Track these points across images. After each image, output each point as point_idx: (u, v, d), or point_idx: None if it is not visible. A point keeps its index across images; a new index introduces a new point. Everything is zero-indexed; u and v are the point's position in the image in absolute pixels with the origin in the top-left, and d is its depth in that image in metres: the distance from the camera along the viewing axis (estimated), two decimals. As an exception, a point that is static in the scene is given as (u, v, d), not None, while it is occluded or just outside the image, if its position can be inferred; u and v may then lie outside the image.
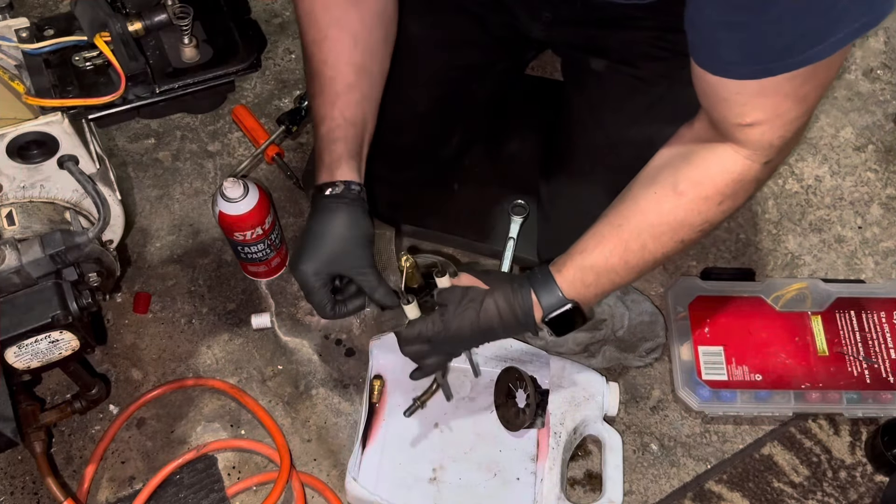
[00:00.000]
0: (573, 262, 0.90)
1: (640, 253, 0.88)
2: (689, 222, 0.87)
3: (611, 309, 1.16)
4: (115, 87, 0.93)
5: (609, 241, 0.89)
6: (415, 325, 0.92)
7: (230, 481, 1.09)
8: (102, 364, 1.18)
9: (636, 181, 0.91)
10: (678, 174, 0.86)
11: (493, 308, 0.90)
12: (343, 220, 0.91)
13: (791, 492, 1.08)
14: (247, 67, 0.98)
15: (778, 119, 0.78)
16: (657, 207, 0.87)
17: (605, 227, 0.90)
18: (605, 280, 0.90)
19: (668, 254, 0.89)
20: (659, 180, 0.87)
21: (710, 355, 1.14)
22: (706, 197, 0.85)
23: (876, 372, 1.13)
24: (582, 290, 0.90)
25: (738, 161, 0.83)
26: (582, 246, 0.90)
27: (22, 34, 0.95)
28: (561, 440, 1.05)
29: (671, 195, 0.86)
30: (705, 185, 0.85)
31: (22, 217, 0.94)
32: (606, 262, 0.89)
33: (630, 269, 0.90)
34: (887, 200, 1.35)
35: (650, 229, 0.87)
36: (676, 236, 0.88)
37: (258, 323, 1.20)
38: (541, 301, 0.90)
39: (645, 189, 0.88)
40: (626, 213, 0.89)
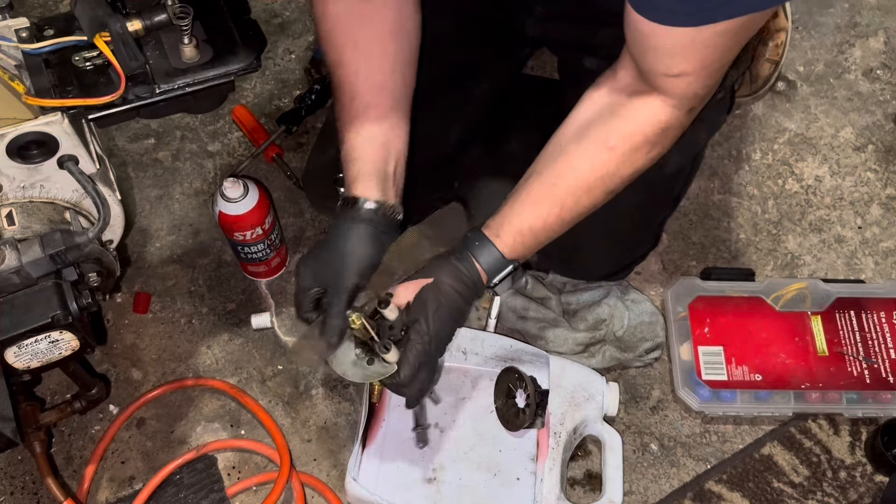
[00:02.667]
0: (510, 225, 0.91)
1: (575, 209, 0.91)
2: (620, 174, 0.89)
3: (611, 309, 1.16)
4: (115, 87, 0.93)
5: (544, 201, 0.90)
6: (406, 361, 0.88)
7: (230, 481, 1.09)
8: (102, 364, 1.18)
9: (564, 136, 0.92)
10: (608, 129, 0.88)
11: (453, 293, 0.90)
12: (346, 238, 0.92)
13: (791, 492, 1.08)
14: (247, 67, 0.98)
15: (703, 71, 0.80)
16: (590, 164, 0.89)
17: (539, 186, 0.91)
18: (542, 238, 0.92)
19: (599, 205, 0.92)
20: (589, 136, 0.89)
21: (710, 355, 1.14)
22: (636, 148, 0.87)
23: (876, 372, 1.13)
24: (521, 250, 0.92)
25: (664, 110, 0.85)
26: (518, 208, 0.91)
27: (22, 34, 0.95)
28: (561, 440, 1.05)
29: (603, 151, 0.88)
30: (635, 137, 0.87)
31: (22, 217, 0.94)
32: (544, 223, 0.91)
33: (564, 224, 0.92)
34: (887, 200, 1.35)
35: (584, 185, 0.89)
36: (608, 188, 0.90)
37: (258, 323, 1.20)
38: (485, 269, 0.91)
39: (576, 145, 0.90)
40: (558, 172, 0.90)
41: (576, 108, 0.92)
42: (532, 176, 0.92)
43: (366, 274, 0.93)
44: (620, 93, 0.88)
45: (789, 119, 1.42)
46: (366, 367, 0.90)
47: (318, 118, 1.40)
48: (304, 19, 1.55)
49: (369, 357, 0.90)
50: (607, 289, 1.18)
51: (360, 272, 0.92)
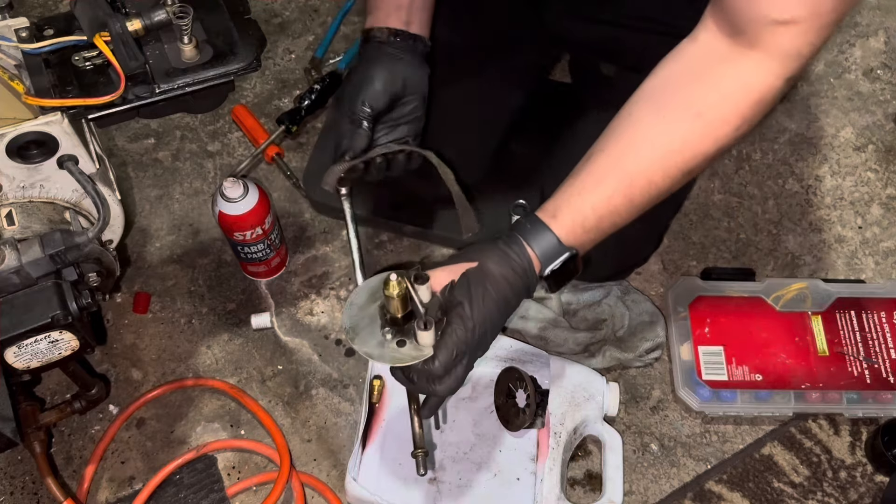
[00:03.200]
0: (569, 205, 0.79)
1: (647, 189, 0.79)
2: (702, 151, 0.78)
3: (611, 309, 1.16)
4: (115, 86, 0.93)
5: (611, 177, 0.79)
6: (444, 347, 0.76)
7: (230, 481, 1.09)
8: (102, 364, 1.18)
9: (635, 105, 0.80)
10: (693, 95, 0.77)
11: (502, 281, 0.78)
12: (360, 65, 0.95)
13: (791, 492, 1.08)
14: (246, 67, 0.98)
15: (816, 20, 0.71)
16: (669, 135, 0.77)
17: (605, 160, 0.79)
18: (606, 223, 0.80)
19: (674, 188, 0.80)
20: (669, 103, 0.78)
21: (711, 355, 1.14)
22: (725, 120, 0.76)
23: (876, 372, 1.13)
24: (581, 236, 0.80)
25: (760, 76, 0.75)
26: (579, 185, 0.80)
27: (22, 34, 0.95)
28: (561, 440, 1.05)
29: (686, 119, 0.77)
30: (724, 106, 0.76)
31: (22, 217, 0.94)
32: (609, 203, 0.79)
33: (634, 208, 0.80)
34: (887, 200, 1.34)
35: (660, 161, 0.78)
36: (687, 167, 0.78)
37: (258, 323, 1.20)
38: (539, 255, 0.79)
39: (652, 114, 0.78)
40: (628, 143, 0.79)
41: (649, 76, 0.81)
42: (596, 151, 0.80)
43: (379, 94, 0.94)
44: (706, 57, 0.77)
45: (789, 119, 1.42)
46: (395, 350, 0.77)
47: (318, 118, 1.40)
48: (304, 19, 1.55)
49: (399, 339, 0.77)
50: (607, 289, 1.18)
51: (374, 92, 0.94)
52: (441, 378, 0.78)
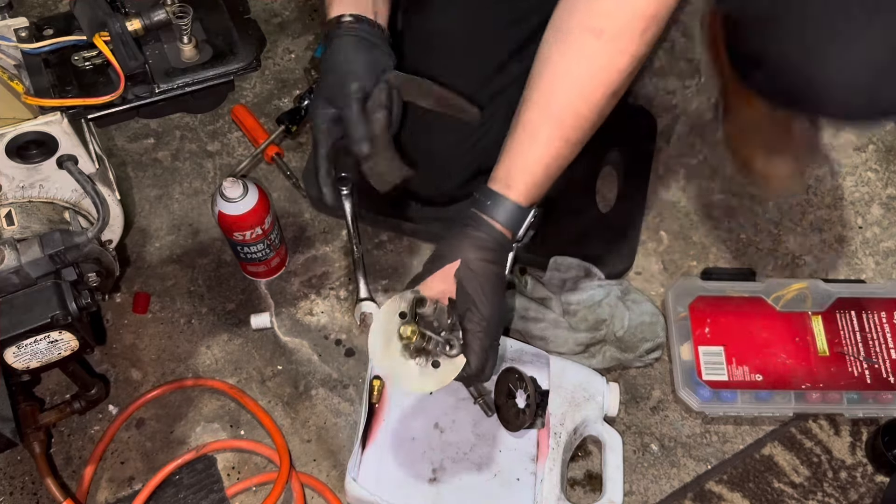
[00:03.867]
0: (517, 167, 0.82)
1: (577, 123, 0.80)
2: (616, 67, 0.77)
3: (611, 309, 1.16)
4: (115, 86, 0.93)
5: (543, 126, 0.81)
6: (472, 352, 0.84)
7: (230, 482, 1.09)
8: (102, 364, 1.18)
9: (545, 45, 0.81)
10: (588, 13, 0.77)
11: (485, 265, 0.84)
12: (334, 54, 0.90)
13: (791, 492, 1.08)
14: (246, 67, 0.98)
15: None
16: (578, 64, 0.78)
17: (532, 110, 0.81)
18: (554, 169, 0.83)
19: (604, 114, 0.81)
20: (569, 32, 0.78)
21: (711, 355, 1.14)
22: (628, 26, 0.76)
23: (876, 372, 1.13)
24: (536, 191, 0.84)
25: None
26: (518, 145, 0.82)
27: (21, 34, 0.95)
28: (561, 440, 1.05)
29: (589, 41, 0.77)
30: (622, 13, 0.76)
31: (21, 217, 0.94)
32: (550, 151, 0.81)
33: (573, 145, 0.82)
34: (888, 200, 1.34)
35: (581, 92, 0.79)
36: (608, 90, 0.79)
37: (258, 323, 1.20)
38: (505, 226, 0.84)
39: (559, 46, 0.79)
40: (547, 85, 0.80)
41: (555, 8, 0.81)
42: (523, 103, 0.82)
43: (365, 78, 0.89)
44: None
45: (789, 119, 1.42)
46: (434, 373, 0.85)
47: (318, 118, 1.40)
48: (304, 19, 1.55)
49: (433, 360, 0.85)
50: (607, 289, 1.18)
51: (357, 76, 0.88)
52: (480, 374, 0.86)
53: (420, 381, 0.86)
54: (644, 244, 1.28)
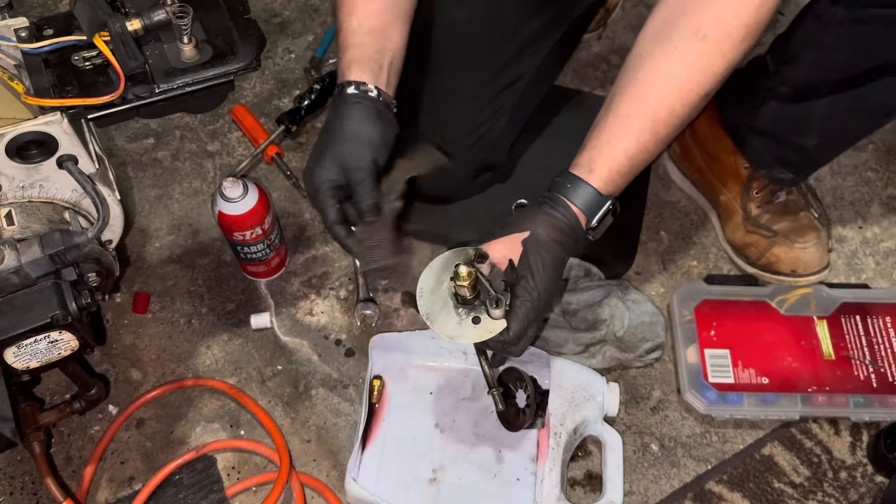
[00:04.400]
0: (602, 155, 0.84)
1: (669, 120, 0.83)
2: (714, 71, 0.82)
3: (611, 309, 1.16)
4: (115, 86, 0.93)
5: (635, 117, 0.83)
6: (515, 318, 0.84)
7: (230, 482, 1.09)
8: (102, 364, 1.18)
9: (643, 42, 0.85)
10: (695, 19, 0.81)
11: (553, 245, 0.85)
12: (347, 119, 0.88)
13: (791, 492, 1.08)
14: (246, 67, 0.98)
15: None
16: (680, 62, 0.81)
17: (626, 103, 0.84)
18: (638, 162, 0.85)
19: (694, 115, 0.84)
20: (676, 33, 0.82)
21: (717, 358, 1.14)
22: (729, 34, 0.80)
23: (882, 376, 1.13)
24: (618, 181, 0.86)
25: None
26: (607, 134, 0.84)
27: (21, 34, 0.95)
28: (561, 440, 1.05)
29: (694, 44, 0.80)
30: (727, 21, 0.80)
31: (21, 217, 0.94)
32: (638, 144, 0.83)
33: (660, 142, 0.85)
34: (888, 200, 1.34)
35: (677, 90, 0.82)
36: (702, 90, 0.83)
37: (258, 323, 1.20)
38: (583, 210, 0.86)
39: (661, 47, 0.82)
40: (646, 82, 0.83)
41: (651, 14, 0.85)
42: (615, 96, 0.85)
43: (380, 150, 0.88)
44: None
45: (790, 119, 1.42)
46: (473, 328, 0.85)
47: (318, 118, 1.40)
48: (304, 19, 1.55)
49: (474, 316, 0.86)
50: (608, 289, 1.18)
51: (374, 147, 0.88)
52: (516, 343, 0.86)
53: (457, 330, 0.86)
54: (644, 244, 1.28)
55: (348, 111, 0.89)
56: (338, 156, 0.88)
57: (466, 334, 0.86)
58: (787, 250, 1.20)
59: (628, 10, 1.54)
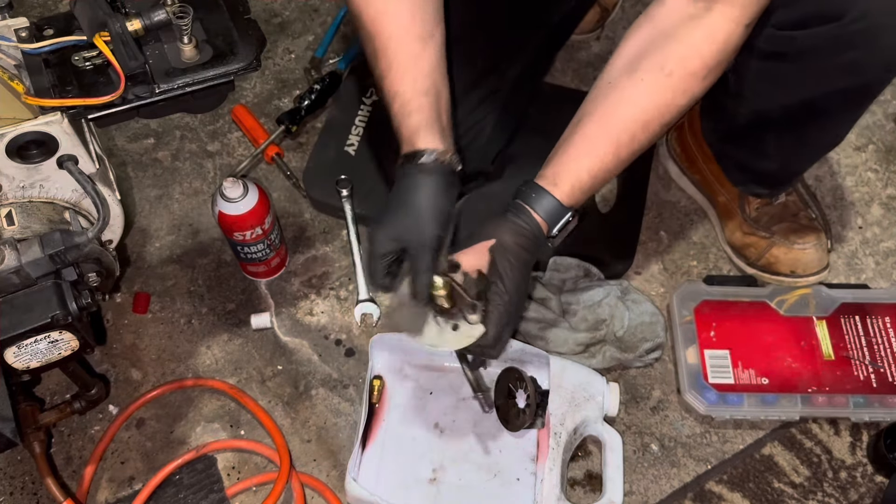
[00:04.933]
0: (567, 171, 0.90)
1: (630, 145, 0.89)
2: (676, 104, 0.87)
3: (611, 309, 1.16)
4: (115, 86, 0.93)
5: (600, 140, 0.88)
6: (491, 322, 0.89)
7: (230, 482, 1.09)
8: (102, 364, 1.18)
9: (612, 71, 0.90)
10: (664, 54, 0.86)
11: (519, 249, 0.90)
12: (420, 191, 0.88)
13: (791, 492, 1.08)
14: (246, 67, 0.98)
15: None
16: (646, 94, 0.87)
17: (592, 125, 0.89)
18: (599, 180, 0.91)
19: (653, 140, 0.90)
20: (642, 66, 0.87)
21: (717, 359, 1.14)
22: (693, 73, 0.86)
23: (882, 376, 1.13)
24: (579, 196, 0.91)
25: (724, 27, 0.84)
26: (573, 151, 0.90)
27: (21, 34, 0.95)
28: (561, 440, 1.05)
29: (659, 79, 0.86)
30: (692, 59, 0.85)
31: (21, 217, 0.94)
32: (601, 163, 0.89)
33: (621, 163, 0.90)
34: (887, 200, 1.34)
35: (641, 119, 0.87)
36: (663, 120, 0.88)
37: (258, 323, 1.20)
38: (544, 219, 0.91)
39: (628, 77, 0.88)
40: (611, 107, 0.88)
41: (621, 43, 0.91)
42: (584, 117, 0.90)
43: (445, 226, 0.90)
44: (671, 19, 0.86)
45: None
46: (452, 334, 0.90)
47: (318, 118, 1.40)
48: (304, 19, 1.55)
49: (453, 324, 0.90)
50: (607, 289, 1.18)
51: (441, 224, 0.89)
52: (494, 346, 0.91)
53: (439, 339, 0.90)
54: (644, 244, 1.28)
55: (421, 182, 0.88)
56: (404, 230, 0.89)
57: (449, 341, 0.90)
58: (786, 251, 1.20)
59: (627, 9, 1.54)
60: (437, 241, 0.88)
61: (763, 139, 1.12)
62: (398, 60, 0.91)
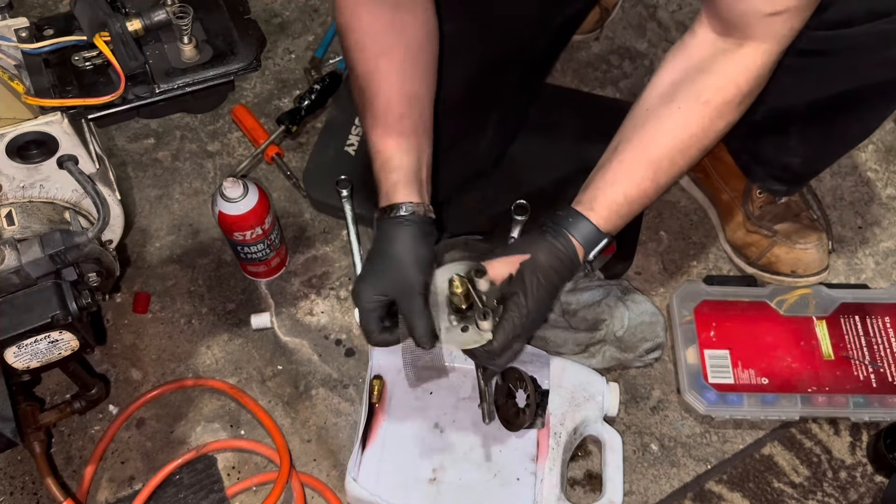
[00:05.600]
0: (605, 197, 0.91)
1: (670, 171, 0.90)
2: (713, 129, 0.89)
3: (611, 309, 1.16)
4: (115, 86, 0.93)
5: (638, 167, 0.90)
6: (501, 331, 0.89)
7: (230, 481, 1.09)
8: (102, 364, 1.18)
9: (649, 101, 0.92)
10: (700, 85, 0.88)
11: (551, 272, 0.90)
12: (401, 243, 0.91)
13: (791, 492, 1.08)
14: (246, 67, 0.98)
15: (806, 4, 0.81)
16: (683, 123, 0.89)
17: (631, 152, 0.90)
18: (637, 206, 0.92)
19: (693, 164, 0.92)
20: (679, 95, 0.89)
21: (717, 359, 1.14)
22: (729, 101, 0.88)
23: (882, 376, 1.13)
24: (616, 221, 0.92)
25: (758, 58, 0.86)
26: (611, 177, 0.91)
27: (21, 34, 0.95)
28: (561, 440, 1.05)
29: (696, 107, 0.88)
30: (728, 88, 0.87)
31: (21, 217, 0.94)
32: (639, 190, 0.90)
33: (659, 189, 0.92)
34: (887, 200, 1.34)
35: (679, 146, 0.89)
36: (702, 146, 0.90)
37: (258, 323, 1.20)
38: (582, 244, 0.91)
39: (666, 107, 0.89)
40: (650, 135, 0.90)
41: (655, 75, 0.93)
42: (621, 143, 0.92)
43: (427, 272, 0.92)
44: (704, 52, 0.88)
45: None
46: (460, 334, 0.90)
47: (318, 118, 1.40)
48: (304, 19, 1.55)
49: (463, 325, 0.90)
50: (607, 289, 1.18)
51: (424, 270, 0.91)
52: (499, 356, 0.90)
53: (445, 335, 0.90)
54: (644, 244, 1.28)
55: (399, 233, 0.91)
56: (389, 280, 0.91)
57: (453, 339, 0.90)
58: (787, 250, 1.20)
59: (627, 10, 1.54)
60: (424, 287, 0.91)
61: (787, 133, 1.12)
62: (384, 119, 0.94)
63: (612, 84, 1.46)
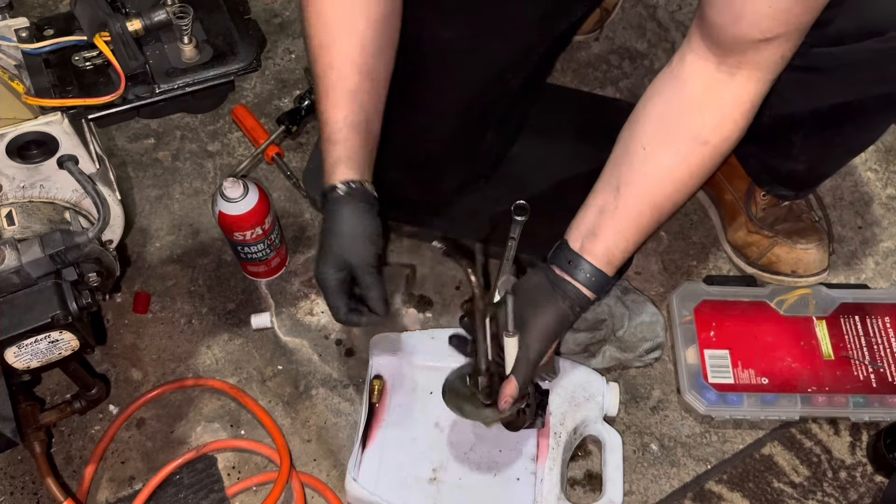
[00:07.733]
0: (616, 247, 0.92)
1: (672, 210, 0.92)
2: (712, 166, 0.90)
3: (611, 309, 1.16)
4: (115, 86, 0.93)
5: (643, 211, 0.91)
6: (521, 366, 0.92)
7: (230, 481, 1.09)
8: (102, 364, 1.18)
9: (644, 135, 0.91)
10: (698, 124, 0.88)
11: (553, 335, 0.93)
12: (346, 219, 0.91)
13: (791, 492, 1.08)
14: (246, 67, 0.98)
15: (794, 30, 0.80)
16: (686, 165, 0.89)
17: (633, 198, 0.91)
18: (639, 241, 0.93)
19: (691, 198, 0.93)
20: (678, 136, 0.89)
21: (717, 359, 1.14)
22: (727, 137, 0.88)
23: (882, 376, 1.13)
24: (619, 258, 0.93)
25: (750, 87, 0.85)
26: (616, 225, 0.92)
27: (22, 34, 0.95)
28: (561, 440, 1.05)
29: (696, 148, 0.88)
30: (726, 125, 0.87)
31: (22, 217, 0.94)
32: (645, 232, 0.92)
33: (659, 223, 0.93)
34: (887, 200, 1.34)
35: (681, 187, 0.90)
36: (701, 181, 0.91)
37: (258, 323, 1.20)
38: (591, 289, 0.93)
39: (665, 148, 0.89)
40: (652, 176, 0.90)
41: (644, 104, 0.92)
42: (622, 186, 0.91)
43: (377, 243, 0.92)
44: (697, 84, 0.87)
45: (789, 119, 1.42)
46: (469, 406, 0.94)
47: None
48: (304, 19, 1.55)
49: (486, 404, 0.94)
50: (607, 289, 1.18)
51: (374, 241, 0.92)
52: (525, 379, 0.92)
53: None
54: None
55: (344, 211, 0.92)
56: (342, 255, 0.92)
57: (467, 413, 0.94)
58: (788, 250, 1.20)
59: (627, 10, 1.54)
60: (375, 258, 0.91)
61: (789, 141, 1.12)
62: (336, 89, 0.93)
63: (612, 84, 1.46)
